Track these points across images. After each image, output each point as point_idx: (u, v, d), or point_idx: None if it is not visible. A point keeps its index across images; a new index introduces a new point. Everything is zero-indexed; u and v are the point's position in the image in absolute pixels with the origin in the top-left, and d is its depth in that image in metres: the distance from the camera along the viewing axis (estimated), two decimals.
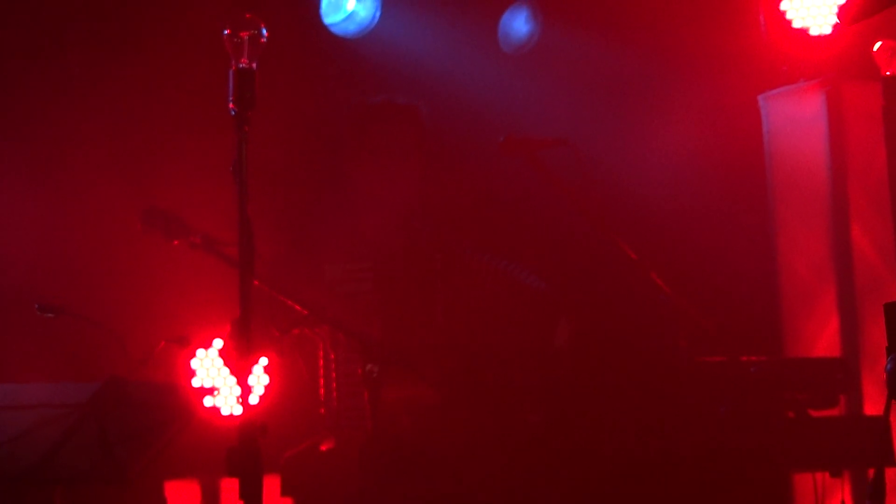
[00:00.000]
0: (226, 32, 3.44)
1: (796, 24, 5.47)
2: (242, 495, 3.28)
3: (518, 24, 6.11)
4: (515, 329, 4.92)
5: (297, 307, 4.44)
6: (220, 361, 4.81)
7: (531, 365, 4.80)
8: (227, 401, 4.79)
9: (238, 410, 4.69)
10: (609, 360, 4.85)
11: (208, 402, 4.76)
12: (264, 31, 3.45)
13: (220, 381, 4.80)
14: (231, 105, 3.42)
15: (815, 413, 4.64)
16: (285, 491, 4.68)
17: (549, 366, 4.82)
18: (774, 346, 5.48)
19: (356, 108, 5.21)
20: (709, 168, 5.87)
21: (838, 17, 5.36)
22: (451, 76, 5.90)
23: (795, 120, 5.52)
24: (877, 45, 5.20)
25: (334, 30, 5.77)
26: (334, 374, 4.78)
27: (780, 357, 5.33)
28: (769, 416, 4.57)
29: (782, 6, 5.49)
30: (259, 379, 4.78)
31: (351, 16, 5.78)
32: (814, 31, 5.45)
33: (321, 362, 4.81)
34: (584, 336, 4.95)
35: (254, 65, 3.44)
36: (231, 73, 3.43)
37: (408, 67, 5.80)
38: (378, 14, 5.80)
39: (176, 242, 4.48)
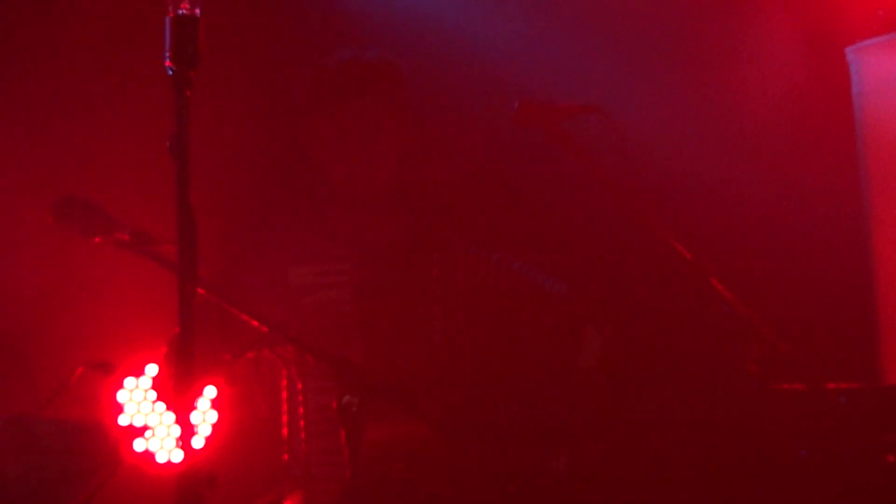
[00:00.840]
0: None
1: None
2: None
3: None
4: (532, 347, 4.93)
5: (254, 322, 4.44)
6: (154, 394, 4.80)
7: (553, 394, 4.79)
8: (163, 444, 4.77)
9: (178, 456, 4.69)
10: (653, 388, 4.83)
11: (139, 445, 4.74)
12: None
13: (154, 419, 4.78)
14: (168, 63, 3.39)
15: None
16: None
17: (576, 395, 4.81)
18: (869, 370, 5.50)
19: (316, 71, 5.21)
20: (783, 142, 5.88)
21: None
22: (449, 24, 5.93)
23: (895, 79, 5.52)
24: None
25: None
26: (301, 409, 4.80)
27: (876, 385, 5.34)
28: (863, 460, 4.56)
29: None
30: (204, 416, 4.77)
31: None
32: None
33: (284, 394, 4.84)
34: (620, 356, 4.95)
35: (197, 10, 3.41)
36: (168, 20, 3.40)
37: (396, 14, 5.84)
38: None
39: (98, 240, 4.51)
